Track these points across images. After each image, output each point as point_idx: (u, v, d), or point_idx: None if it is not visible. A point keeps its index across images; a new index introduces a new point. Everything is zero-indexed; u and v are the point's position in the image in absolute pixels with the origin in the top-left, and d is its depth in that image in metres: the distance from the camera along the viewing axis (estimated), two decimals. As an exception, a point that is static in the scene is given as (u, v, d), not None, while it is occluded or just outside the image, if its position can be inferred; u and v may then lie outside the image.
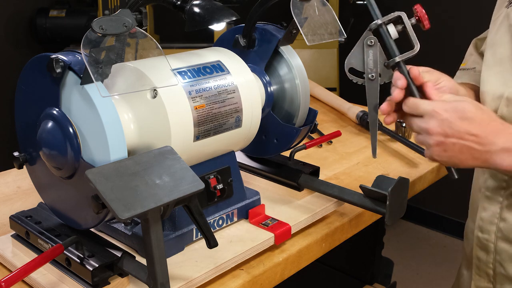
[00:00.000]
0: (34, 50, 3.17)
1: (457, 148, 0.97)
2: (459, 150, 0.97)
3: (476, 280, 1.21)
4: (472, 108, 0.98)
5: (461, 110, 0.97)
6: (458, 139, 0.96)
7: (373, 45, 1.03)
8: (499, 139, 0.96)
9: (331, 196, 1.23)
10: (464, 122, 0.96)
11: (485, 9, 1.38)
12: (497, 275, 1.17)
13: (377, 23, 1.03)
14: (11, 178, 1.44)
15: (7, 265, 1.06)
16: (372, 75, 1.04)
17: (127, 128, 0.99)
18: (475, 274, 1.21)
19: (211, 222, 1.12)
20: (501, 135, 0.96)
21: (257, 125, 1.17)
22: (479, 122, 0.96)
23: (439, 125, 0.97)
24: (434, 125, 0.98)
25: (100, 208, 0.85)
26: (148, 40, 0.90)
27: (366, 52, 1.03)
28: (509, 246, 1.13)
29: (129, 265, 0.95)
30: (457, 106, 0.97)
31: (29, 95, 1.00)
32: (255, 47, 1.25)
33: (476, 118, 0.97)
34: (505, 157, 0.95)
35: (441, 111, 0.97)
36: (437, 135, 0.98)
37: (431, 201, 3.37)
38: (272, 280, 1.10)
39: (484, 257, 1.18)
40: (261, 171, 1.34)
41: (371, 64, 1.03)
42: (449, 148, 0.98)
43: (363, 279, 1.90)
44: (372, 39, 1.03)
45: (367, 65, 1.04)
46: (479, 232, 1.19)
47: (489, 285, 1.19)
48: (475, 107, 0.98)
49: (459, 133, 0.96)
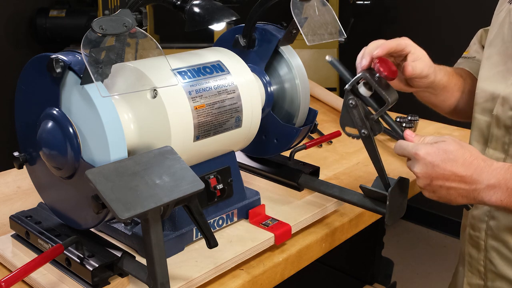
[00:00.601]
0: (34, 50, 3.17)
1: (444, 189, 0.99)
2: (447, 191, 0.99)
3: (469, 277, 1.22)
4: (454, 148, 0.99)
5: (442, 152, 0.98)
6: (443, 181, 0.98)
7: (354, 105, 1.07)
8: (483, 177, 0.97)
9: (331, 196, 1.23)
10: (447, 163, 0.97)
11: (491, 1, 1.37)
12: (488, 272, 1.18)
13: (348, 89, 1.08)
14: (11, 178, 1.44)
15: (7, 265, 1.06)
16: (364, 131, 1.08)
17: (127, 128, 0.99)
18: (467, 271, 1.22)
19: (211, 222, 1.12)
20: (484, 172, 0.97)
21: (257, 125, 1.17)
22: (462, 162, 0.97)
23: (423, 168, 0.99)
24: (418, 169, 1.00)
25: (100, 208, 0.85)
26: (148, 40, 0.90)
27: (351, 112, 1.08)
28: (499, 244, 1.14)
29: (129, 265, 0.95)
30: (439, 148, 0.99)
31: (29, 95, 1.00)
32: (255, 47, 1.25)
33: (459, 158, 0.98)
34: (492, 194, 0.96)
35: (424, 154, 0.99)
36: (423, 178, 1.00)
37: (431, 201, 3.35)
38: (272, 280, 1.10)
39: (476, 254, 1.19)
40: (261, 171, 1.34)
41: (359, 122, 1.08)
42: (437, 190, 1.00)
43: (363, 279, 1.90)
44: (352, 100, 1.08)
45: (356, 123, 1.08)
46: (470, 229, 1.20)
47: (480, 282, 1.20)
48: (457, 146, 0.99)
49: (444, 175, 0.98)
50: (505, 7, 1.18)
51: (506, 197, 0.95)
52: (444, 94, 1.25)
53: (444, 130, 1.84)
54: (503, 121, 1.11)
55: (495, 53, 1.16)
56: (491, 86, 1.15)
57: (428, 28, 3.25)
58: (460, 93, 1.28)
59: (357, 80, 1.08)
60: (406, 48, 1.15)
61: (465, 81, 1.29)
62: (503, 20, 1.17)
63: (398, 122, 1.76)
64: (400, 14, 3.37)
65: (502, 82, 1.12)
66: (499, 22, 1.18)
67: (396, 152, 1.05)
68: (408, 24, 3.33)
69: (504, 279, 1.15)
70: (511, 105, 1.09)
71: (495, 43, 1.17)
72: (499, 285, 1.16)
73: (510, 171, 0.96)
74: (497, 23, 1.18)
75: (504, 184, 0.95)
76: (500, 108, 1.11)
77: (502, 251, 1.14)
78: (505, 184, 0.95)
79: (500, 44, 1.16)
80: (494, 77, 1.15)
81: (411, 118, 1.77)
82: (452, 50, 1.59)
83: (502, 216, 1.13)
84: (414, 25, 3.31)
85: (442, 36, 3.18)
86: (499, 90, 1.12)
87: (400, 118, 1.78)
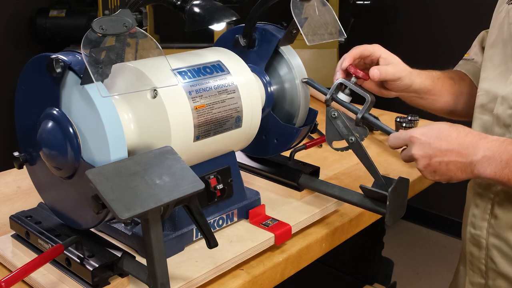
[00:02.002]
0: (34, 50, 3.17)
1: (443, 165, 1.02)
2: (446, 166, 1.02)
3: (470, 276, 1.22)
4: (446, 126, 1.03)
5: (436, 130, 1.03)
6: (441, 157, 1.02)
7: (336, 116, 1.15)
8: (479, 148, 1.00)
9: (331, 196, 1.23)
10: (442, 140, 1.02)
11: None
12: (489, 271, 1.18)
13: (327, 98, 1.16)
14: (11, 178, 1.44)
15: (7, 265, 1.06)
16: (351, 138, 1.14)
17: (127, 128, 0.99)
18: (469, 270, 1.22)
19: (211, 222, 1.12)
20: (479, 144, 1.00)
21: (257, 125, 1.17)
22: (456, 137, 1.01)
23: (421, 149, 1.03)
24: (416, 150, 1.03)
25: (100, 208, 0.85)
26: (148, 40, 0.90)
27: (335, 124, 1.15)
28: (500, 242, 1.14)
29: (129, 265, 0.95)
30: (432, 128, 1.03)
31: (29, 95, 1.00)
32: (255, 47, 1.25)
33: (452, 134, 1.02)
34: (486, 166, 0.99)
35: (419, 135, 1.03)
36: (422, 159, 1.03)
37: (431, 201, 3.37)
38: (272, 280, 1.10)
39: (477, 253, 1.19)
40: (261, 171, 1.34)
41: (344, 131, 1.15)
42: (437, 168, 1.03)
43: (363, 279, 1.90)
44: (333, 112, 1.15)
45: (342, 133, 1.15)
46: (471, 228, 1.20)
47: (481, 280, 1.20)
48: (448, 125, 1.03)
49: (441, 151, 1.01)
50: (504, 7, 1.18)
51: (499, 169, 0.98)
52: (430, 97, 1.30)
53: (444, 130, 1.84)
54: (503, 119, 1.11)
55: (496, 54, 1.17)
56: (492, 86, 1.15)
57: (428, 28, 3.25)
58: (451, 95, 1.33)
59: (335, 87, 1.16)
60: (375, 53, 1.22)
61: (456, 83, 1.34)
62: (502, 20, 1.17)
63: (398, 122, 1.76)
64: (400, 14, 3.37)
65: (503, 82, 1.13)
66: (499, 23, 1.18)
67: (391, 144, 1.08)
68: (408, 24, 3.33)
69: (505, 277, 1.15)
70: (510, 103, 1.09)
71: (496, 44, 1.18)
72: (500, 283, 1.16)
73: (505, 144, 0.99)
74: (497, 24, 1.19)
75: (499, 156, 0.98)
76: (500, 107, 1.11)
77: (503, 249, 1.14)
78: (499, 156, 0.98)
79: (501, 45, 1.16)
80: (496, 78, 1.15)
81: (411, 118, 1.77)
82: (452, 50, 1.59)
83: (503, 214, 1.13)
84: (414, 25, 3.31)
85: (442, 36, 3.18)
86: (499, 90, 1.12)
87: (400, 118, 1.78)
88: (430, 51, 3.20)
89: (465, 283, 1.24)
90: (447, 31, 3.15)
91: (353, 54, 1.19)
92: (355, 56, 1.19)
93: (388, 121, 1.82)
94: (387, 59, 1.22)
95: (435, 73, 1.32)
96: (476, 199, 1.18)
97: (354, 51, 1.20)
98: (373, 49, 1.22)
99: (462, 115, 1.36)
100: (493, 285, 1.18)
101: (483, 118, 1.17)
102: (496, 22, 1.19)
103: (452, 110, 1.35)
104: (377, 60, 1.23)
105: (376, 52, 1.22)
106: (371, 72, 1.19)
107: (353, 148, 1.15)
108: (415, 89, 1.26)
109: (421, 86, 1.26)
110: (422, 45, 3.24)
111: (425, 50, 3.23)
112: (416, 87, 1.25)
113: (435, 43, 3.19)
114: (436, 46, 3.17)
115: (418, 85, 1.26)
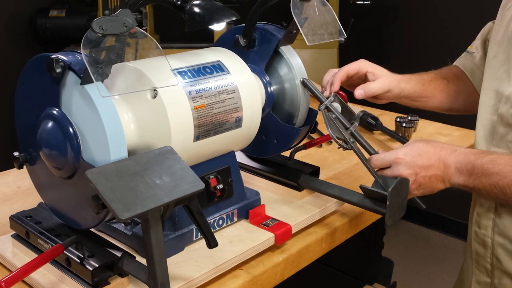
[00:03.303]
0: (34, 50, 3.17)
1: (427, 179, 1.12)
2: (429, 180, 1.12)
3: (476, 274, 1.22)
4: (423, 143, 1.13)
5: (416, 148, 1.12)
6: (425, 172, 1.11)
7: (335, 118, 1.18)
8: (451, 162, 1.11)
9: (331, 196, 1.23)
10: (424, 156, 1.11)
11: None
12: (494, 269, 1.18)
13: (321, 107, 1.18)
14: (11, 178, 1.44)
15: (7, 265, 1.06)
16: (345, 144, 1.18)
17: (127, 128, 0.99)
18: (475, 268, 1.23)
19: (211, 222, 1.12)
20: (451, 158, 1.11)
21: (257, 125, 1.17)
22: (434, 152, 1.12)
23: (407, 167, 1.11)
24: (403, 169, 1.11)
25: (100, 208, 0.85)
26: (148, 40, 0.90)
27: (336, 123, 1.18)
28: (505, 240, 1.15)
29: (129, 265, 0.95)
30: (412, 147, 1.13)
31: (29, 95, 1.00)
32: (255, 47, 1.25)
33: (430, 150, 1.12)
34: (458, 176, 1.10)
35: (403, 155, 1.12)
36: (409, 176, 1.11)
37: (431, 201, 3.37)
38: (272, 280, 1.10)
39: (482, 251, 1.19)
40: (261, 171, 1.34)
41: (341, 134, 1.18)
42: (421, 182, 1.12)
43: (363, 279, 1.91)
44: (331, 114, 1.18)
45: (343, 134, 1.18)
46: (476, 227, 1.20)
47: (487, 279, 1.20)
48: (424, 142, 1.14)
49: (424, 167, 1.11)
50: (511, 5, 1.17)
51: (467, 178, 1.09)
52: (422, 99, 1.37)
53: (445, 130, 1.84)
54: (506, 119, 1.12)
55: (502, 52, 1.17)
56: (497, 85, 1.15)
57: (428, 28, 3.25)
58: (445, 95, 1.38)
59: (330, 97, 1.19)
60: (361, 70, 1.27)
61: (450, 83, 1.38)
62: (510, 18, 1.16)
63: (398, 122, 1.76)
64: (400, 14, 3.37)
65: (507, 81, 1.13)
66: (507, 20, 1.17)
67: (374, 165, 1.14)
68: (408, 24, 3.33)
69: (511, 276, 1.15)
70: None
71: (501, 41, 1.17)
72: (506, 282, 1.16)
73: (468, 156, 1.10)
74: (505, 21, 1.18)
75: (465, 167, 1.09)
76: (504, 106, 1.11)
77: (508, 247, 1.14)
78: (465, 167, 1.09)
79: (506, 43, 1.16)
80: (501, 76, 1.15)
81: (411, 118, 1.77)
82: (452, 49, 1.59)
83: (508, 213, 1.13)
84: (414, 25, 3.31)
85: (442, 36, 3.18)
86: (503, 89, 1.12)
87: (400, 118, 1.78)
88: (430, 51, 3.20)
89: (471, 282, 1.24)
90: (447, 31, 3.15)
91: (339, 77, 1.22)
92: (342, 78, 1.23)
93: (388, 121, 1.82)
94: (375, 73, 1.26)
95: (426, 76, 1.37)
96: (480, 198, 1.18)
97: (340, 73, 1.23)
98: (358, 66, 1.26)
99: (461, 111, 1.42)
100: (498, 283, 1.18)
101: (488, 117, 1.17)
102: (504, 19, 1.19)
103: (450, 108, 1.40)
104: (364, 75, 1.27)
105: (362, 68, 1.26)
106: (356, 93, 1.24)
107: (353, 148, 1.15)
108: (405, 95, 1.32)
109: (411, 91, 1.32)
110: (422, 45, 3.24)
111: (425, 50, 3.23)
112: (406, 93, 1.31)
113: (435, 43, 3.19)
114: (436, 46, 3.17)
115: (407, 91, 1.31)
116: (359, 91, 1.23)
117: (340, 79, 1.22)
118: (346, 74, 1.24)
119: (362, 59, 1.28)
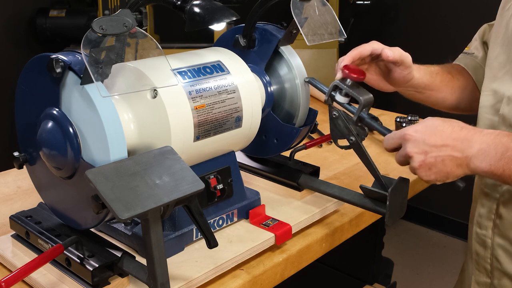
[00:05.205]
0: (34, 50, 3.17)
1: (439, 161, 0.99)
2: (442, 162, 0.99)
3: (476, 275, 1.22)
4: (440, 121, 1.01)
5: (430, 126, 1.00)
6: (437, 152, 0.98)
7: (337, 116, 1.14)
8: (474, 142, 0.98)
9: (331, 196, 1.23)
10: (437, 135, 0.99)
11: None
12: (494, 270, 1.18)
13: (326, 99, 1.14)
14: (11, 178, 1.44)
15: (7, 265, 1.06)
16: (351, 138, 1.13)
17: (127, 128, 0.99)
18: (475, 269, 1.23)
19: (211, 222, 1.12)
20: (474, 138, 0.98)
21: (257, 125, 1.17)
22: (451, 132, 0.99)
23: (415, 146, 1.00)
24: (411, 147, 1.00)
25: (100, 208, 0.85)
26: (148, 40, 0.90)
27: (336, 123, 1.14)
28: (505, 241, 1.15)
29: (129, 265, 0.95)
30: (426, 124, 1.01)
31: (29, 95, 1.00)
32: (255, 47, 1.25)
33: (446, 129, 0.99)
34: (482, 159, 0.97)
35: (413, 132, 1.01)
36: (417, 156, 1.00)
37: (431, 201, 3.37)
38: (272, 280, 1.10)
39: (482, 252, 1.19)
40: (261, 171, 1.34)
41: (345, 131, 1.13)
42: (432, 165, 0.99)
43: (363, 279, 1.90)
44: (334, 111, 1.14)
45: (344, 133, 1.14)
46: (477, 227, 1.20)
47: (487, 280, 1.20)
48: (441, 120, 1.01)
49: (436, 146, 0.98)
50: (511, 5, 1.17)
51: (495, 161, 0.96)
52: (428, 92, 1.29)
53: (444, 130, 1.84)
54: (508, 120, 1.11)
55: (503, 52, 1.16)
56: (498, 85, 1.15)
57: (428, 28, 3.25)
58: (450, 89, 1.32)
59: (332, 89, 1.14)
60: (376, 50, 1.18)
61: (454, 78, 1.33)
62: (509, 18, 1.16)
63: (398, 122, 1.76)
64: (400, 14, 3.38)
65: (509, 82, 1.12)
66: (506, 20, 1.17)
67: (386, 146, 1.06)
68: (408, 24, 3.33)
69: (510, 277, 1.15)
70: None
71: (502, 42, 1.17)
72: (505, 283, 1.16)
73: (500, 137, 0.97)
74: (504, 22, 1.18)
75: (494, 149, 0.96)
76: (506, 107, 1.11)
77: (508, 248, 1.14)
78: (494, 149, 0.96)
79: (507, 43, 1.15)
80: (502, 77, 1.15)
81: (411, 118, 1.77)
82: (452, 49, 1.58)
83: (508, 214, 1.13)
84: (414, 25, 3.31)
85: (442, 36, 3.18)
86: (505, 90, 1.12)
87: (400, 118, 1.78)
88: (430, 51, 3.19)
89: (471, 282, 1.24)
90: (448, 31, 3.15)
91: (352, 56, 1.16)
92: (354, 57, 1.16)
93: (388, 121, 1.82)
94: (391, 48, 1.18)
95: (433, 68, 1.32)
96: (482, 199, 1.18)
97: (353, 53, 1.16)
98: (372, 47, 1.19)
99: (466, 110, 1.36)
100: (498, 284, 1.18)
101: (489, 118, 1.17)
102: (503, 19, 1.19)
103: (447, 104, 1.35)
104: (379, 56, 1.19)
105: (377, 49, 1.18)
106: (384, 53, 1.15)
107: (353, 148, 1.14)
108: (414, 84, 1.25)
109: (420, 81, 1.25)
110: (422, 45, 3.24)
111: (425, 50, 3.22)
112: (415, 82, 1.24)
113: (435, 43, 3.19)
114: (436, 46, 3.17)
115: (417, 79, 1.24)
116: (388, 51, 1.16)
117: (352, 58, 1.15)
118: (359, 54, 1.17)
119: (374, 41, 1.20)
